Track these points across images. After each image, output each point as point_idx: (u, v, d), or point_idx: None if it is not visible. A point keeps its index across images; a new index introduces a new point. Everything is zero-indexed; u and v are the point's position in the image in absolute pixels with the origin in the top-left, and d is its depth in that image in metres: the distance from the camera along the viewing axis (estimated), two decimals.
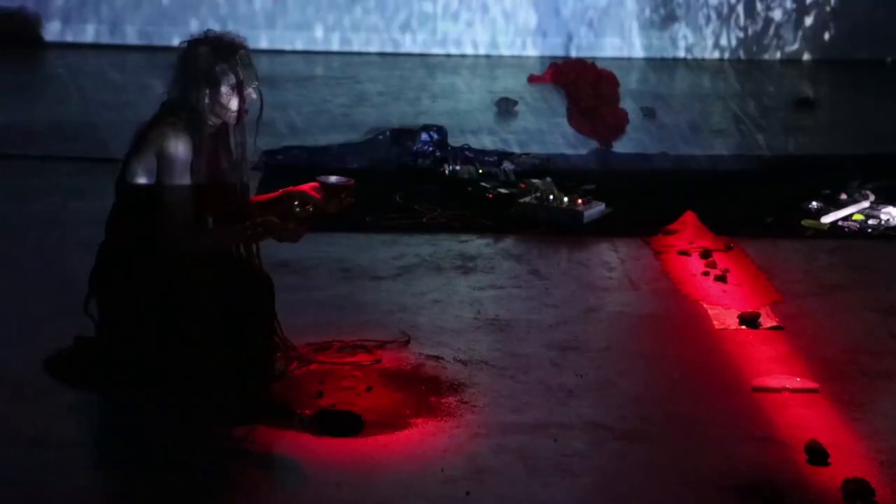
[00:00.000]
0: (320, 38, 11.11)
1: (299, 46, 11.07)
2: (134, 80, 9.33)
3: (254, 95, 4.83)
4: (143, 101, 5.17)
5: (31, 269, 6.03)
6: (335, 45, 11.12)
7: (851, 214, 7.10)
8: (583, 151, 8.19)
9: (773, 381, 5.08)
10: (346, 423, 4.60)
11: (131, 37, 10.80)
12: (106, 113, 8.58)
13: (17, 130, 8.32)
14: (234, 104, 4.76)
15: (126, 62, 10.29)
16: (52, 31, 10.89)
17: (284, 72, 10.24)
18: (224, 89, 4.74)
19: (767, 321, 5.70)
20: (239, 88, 4.75)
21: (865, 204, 7.21)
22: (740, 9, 11.30)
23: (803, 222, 7.05)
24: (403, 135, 8.15)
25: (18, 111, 8.79)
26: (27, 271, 6.00)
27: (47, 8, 10.83)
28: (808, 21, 11.33)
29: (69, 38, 10.86)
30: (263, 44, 10.87)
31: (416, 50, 11.16)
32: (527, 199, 7.12)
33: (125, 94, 9.01)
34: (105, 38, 10.88)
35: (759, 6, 11.30)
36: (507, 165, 7.83)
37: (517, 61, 10.97)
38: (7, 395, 4.82)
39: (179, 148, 4.67)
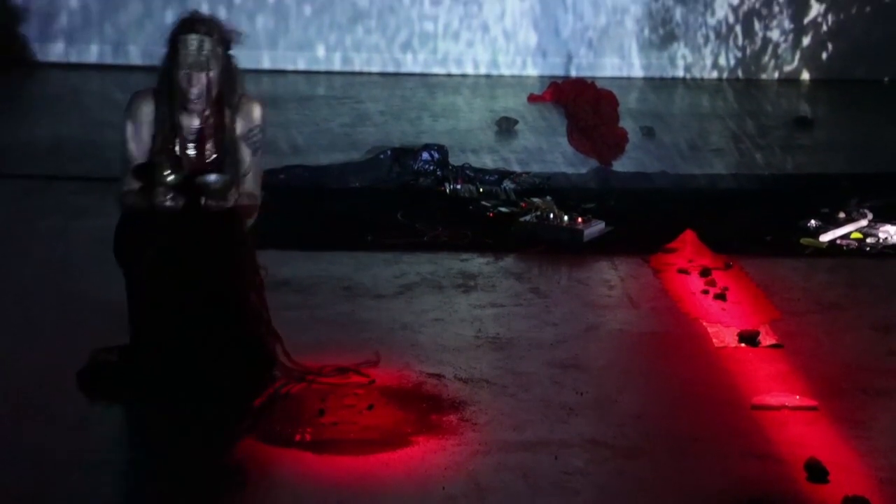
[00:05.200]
0: (322, 57, 11.15)
1: (301, 66, 11.11)
2: None
3: (193, 81, 4.88)
4: None
5: (36, 286, 6.06)
6: (337, 65, 11.16)
7: (850, 233, 7.13)
8: (583, 170, 8.22)
9: (773, 399, 5.10)
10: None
11: (135, 57, 10.82)
12: (109, 132, 8.58)
13: (21, 150, 8.34)
14: (184, 82, 4.86)
15: (129, 82, 10.30)
16: (56, 51, 10.92)
17: (286, 91, 10.27)
18: (172, 66, 4.92)
19: (767, 339, 5.72)
20: (172, 67, 4.90)
21: (864, 222, 7.24)
22: (738, 29, 11.34)
23: (802, 241, 7.07)
24: (404, 154, 8.18)
25: (22, 131, 8.82)
26: (32, 288, 6.03)
27: (51, 28, 10.87)
28: (806, 41, 11.37)
29: (73, 59, 10.90)
30: (266, 64, 10.91)
31: (418, 69, 11.20)
32: (527, 217, 7.15)
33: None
34: (108, 59, 10.92)
35: (757, 26, 11.34)
36: (507, 184, 7.86)
37: (517, 81, 11.00)
38: (11, 410, 4.84)
39: (132, 109, 5.00)
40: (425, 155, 8.13)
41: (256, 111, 5.04)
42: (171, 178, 4.88)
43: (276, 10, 11.04)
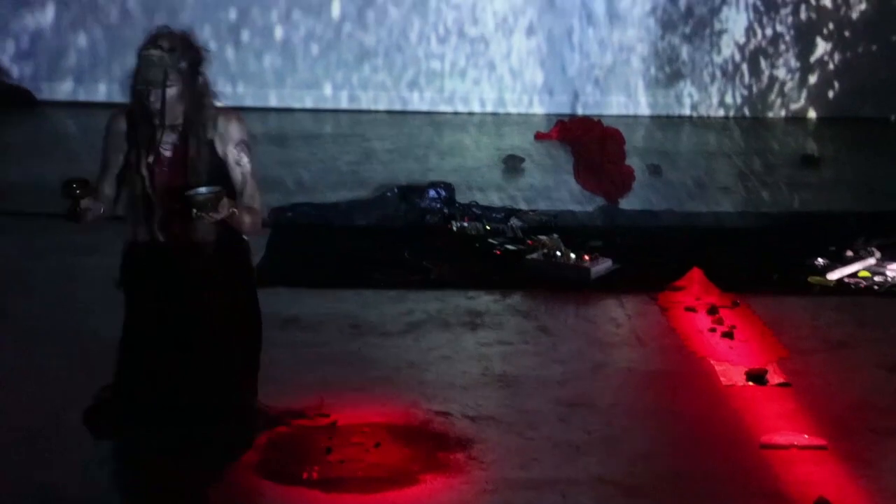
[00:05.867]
0: (329, 95, 11.19)
1: (308, 104, 11.14)
2: None
3: (152, 99, 4.87)
4: None
5: (45, 323, 6.06)
6: (344, 103, 11.19)
7: (858, 271, 7.13)
8: (590, 208, 8.23)
9: (781, 438, 5.09)
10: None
11: None
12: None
13: (30, 188, 8.36)
14: (141, 97, 4.90)
15: None
16: (65, 90, 10.97)
17: (293, 129, 10.30)
18: (134, 81, 4.94)
19: (774, 378, 5.71)
20: (134, 86, 4.91)
21: (871, 261, 7.24)
22: (745, 67, 11.38)
23: (810, 279, 7.07)
24: (411, 192, 8.20)
25: (31, 169, 8.84)
26: (41, 326, 6.03)
27: (59, 67, 10.92)
28: (813, 79, 11.40)
29: (81, 97, 10.94)
30: (273, 101, 10.95)
31: (424, 107, 11.23)
32: (534, 255, 7.15)
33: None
34: (117, 97, 10.92)
35: (763, 64, 11.38)
36: (514, 222, 7.87)
37: (524, 119, 11.03)
38: (20, 448, 4.84)
39: (107, 126, 5.06)
40: (432, 193, 8.15)
41: (235, 125, 4.94)
42: (77, 192, 4.88)
43: (283, 49, 11.08)
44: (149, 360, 4.82)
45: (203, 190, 4.77)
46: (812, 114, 11.44)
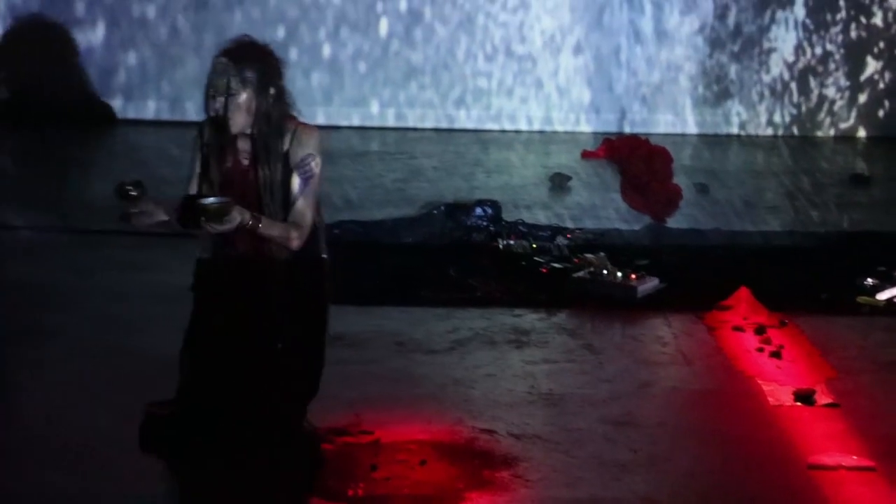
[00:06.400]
0: (376, 113, 11.22)
1: (355, 122, 11.17)
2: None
3: (216, 106, 4.90)
4: None
5: (93, 341, 6.10)
6: (391, 121, 11.22)
7: None
8: (636, 227, 8.21)
9: (829, 459, 5.05)
10: None
11: (192, 113, 10.91)
12: (165, 188, 8.64)
13: (79, 205, 8.42)
14: (208, 104, 4.94)
15: (186, 138, 10.41)
16: (114, 107, 11.05)
17: (340, 147, 10.33)
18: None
19: (823, 398, 5.67)
20: (206, 93, 4.93)
21: None
22: (794, 86, 11.32)
23: (858, 299, 7.02)
24: (458, 209, 8.20)
25: (81, 187, 8.92)
26: (88, 344, 6.07)
27: (109, 85, 11.01)
28: (863, 98, 11.32)
29: (131, 115, 11.02)
30: (321, 119, 10.97)
31: (471, 125, 11.24)
32: (580, 273, 7.14)
33: (185, 170, 9.10)
34: (165, 115, 11.04)
35: (812, 83, 11.32)
36: (560, 240, 7.86)
37: (571, 137, 11.02)
38: (69, 467, 4.86)
39: (197, 132, 5.05)
40: (478, 210, 8.15)
41: (310, 139, 4.99)
42: (131, 193, 4.90)
43: (331, 67, 11.12)
44: (208, 375, 4.84)
45: (210, 200, 4.80)
46: (862, 133, 11.36)
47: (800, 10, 11.22)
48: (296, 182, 4.94)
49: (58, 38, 10.88)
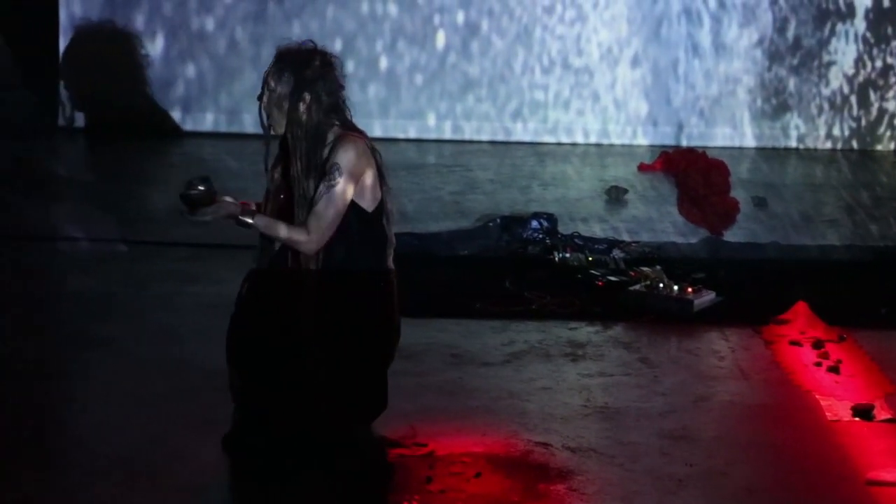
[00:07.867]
0: (433, 126, 11.24)
1: (412, 134, 11.20)
2: (250, 168, 9.47)
3: (260, 108, 4.96)
4: (259, 187, 5.27)
5: (146, 352, 6.13)
6: (447, 134, 11.23)
7: None
8: (693, 240, 8.17)
9: (888, 475, 5.00)
10: None
11: (249, 125, 10.98)
12: None
13: (136, 217, 8.49)
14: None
15: (243, 150, 10.48)
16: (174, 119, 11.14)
17: (397, 160, 10.33)
18: None
19: (882, 413, 5.62)
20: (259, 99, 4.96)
21: None
22: (853, 99, 11.23)
23: None
24: (514, 222, 8.19)
25: (139, 198, 8.98)
26: (142, 356, 6.10)
27: (168, 98, 11.09)
28: None
29: (188, 127, 11.10)
30: (377, 132, 11.00)
31: (528, 138, 11.23)
32: (637, 286, 7.11)
33: (242, 181, 9.15)
34: (223, 127, 11.11)
35: (872, 96, 11.23)
36: (616, 253, 7.83)
37: (627, 150, 10.99)
38: (119, 478, 4.89)
39: None
40: (534, 223, 8.14)
41: (344, 150, 4.91)
42: (192, 192, 4.93)
43: (387, 80, 11.16)
44: (261, 386, 4.86)
45: (194, 191, 4.84)
46: None
47: (860, 24, 11.14)
48: (316, 185, 4.91)
49: (121, 51, 10.99)
